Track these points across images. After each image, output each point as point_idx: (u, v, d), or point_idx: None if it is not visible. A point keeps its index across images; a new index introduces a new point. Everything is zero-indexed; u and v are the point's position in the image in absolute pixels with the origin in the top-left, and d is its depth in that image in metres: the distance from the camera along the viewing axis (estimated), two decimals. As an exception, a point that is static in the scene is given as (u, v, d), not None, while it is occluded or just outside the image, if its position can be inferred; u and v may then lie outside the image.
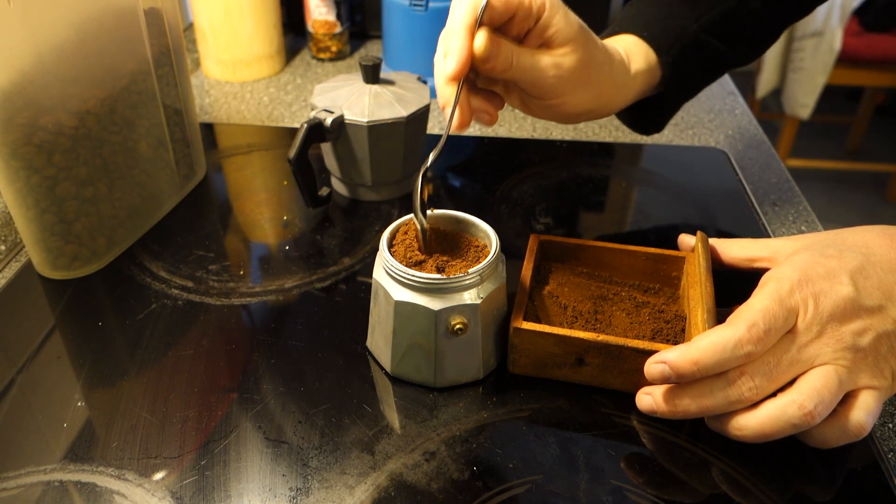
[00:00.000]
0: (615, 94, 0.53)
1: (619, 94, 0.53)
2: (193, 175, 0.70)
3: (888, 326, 0.40)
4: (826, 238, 0.45)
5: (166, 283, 0.58)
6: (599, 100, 0.51)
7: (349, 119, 0.62)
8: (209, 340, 0.52)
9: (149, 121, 0.61)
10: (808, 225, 0.68)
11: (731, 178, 0.73)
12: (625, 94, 0.54)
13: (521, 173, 0.74)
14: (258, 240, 0.65)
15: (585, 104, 0.51)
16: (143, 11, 0.58)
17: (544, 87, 0.48)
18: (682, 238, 0.54)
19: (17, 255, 0.62)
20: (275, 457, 0.43)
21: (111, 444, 0.44)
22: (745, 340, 0.39)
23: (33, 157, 0.51)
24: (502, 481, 0.42)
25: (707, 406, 0.41)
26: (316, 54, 1.04)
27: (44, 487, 0.42)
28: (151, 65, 0.60)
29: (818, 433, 0.40)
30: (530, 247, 0.53)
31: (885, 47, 2.01)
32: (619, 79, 0.52)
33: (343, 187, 0.69)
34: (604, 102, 0.52)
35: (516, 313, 0.47)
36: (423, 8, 0.86)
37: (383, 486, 0.42)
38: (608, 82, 0.51)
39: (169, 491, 0.41)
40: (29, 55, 0.49)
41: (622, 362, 0.45)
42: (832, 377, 0.39)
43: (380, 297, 0.47)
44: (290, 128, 0.84)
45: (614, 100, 0.53)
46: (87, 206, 0.56)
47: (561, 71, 0.47)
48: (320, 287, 0.58)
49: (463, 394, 0.48)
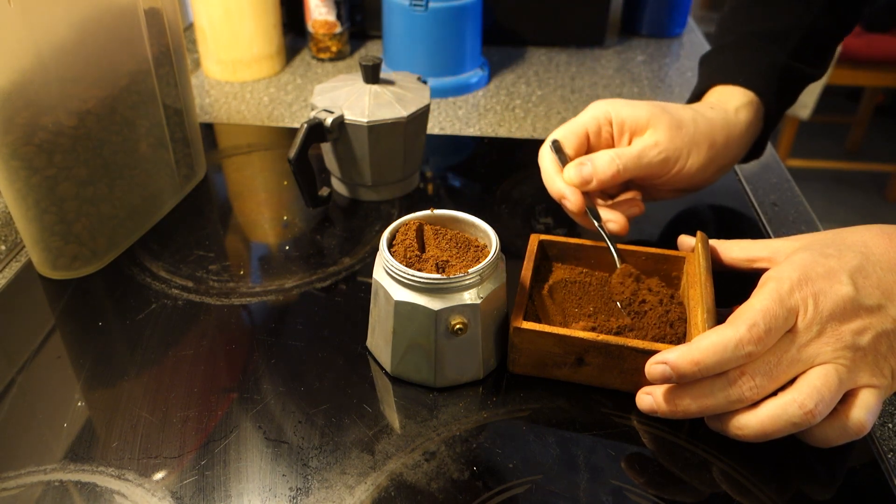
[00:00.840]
0: (725, 137, 0.55)
1: (730, 137, 0.55)
2: (193, 175, 0.70)
3: (888, 325, 0.40)
4: (825, 238, 0.45)
5: (166, 283, 0.58)
6: (715, 149, 0.54)
7: (349, 119, 0.62)
8: (209, 340, 0.52)
9: (149, 121, 0.61)
10: (808, 225, 0.68)
11: (731, 179, 0.73)
12: (736, 135, 0.56)
13: (521, 173, 0.74)
14: (258, 240, 0.65)
15: (703, 159, 0.53)
16: (143, 11, 0.58)
17: (659, 167, 0.52)
18: (681, 238, 0.54)
19: (17, 255, 0.62)
20: (275, 457, 0.43)
21: (111, 444, 0.44)
22: (746, 340, 0.39)
23: (33, 157, 0.51)
24: (502, 481, 0.42)
25: (708, 406, 0.41)
26: (316, 54, 1.04)
27: (44, 487, 0.42)
28: (151, 65, 0.60)
29: (819, 432, 0.40)
30: (530, 247, 0.53)
31: (885, 47, 2.01)
32: (719, 124, 0.54)
33: (343, 187, 0.69)
34: (721, 150, 0.55)
35: (516, 313, 0.47)
36: (423, 8, 0.86)
37: (383, 486, 0.42)
38: (709, 131, 0.54)
39: (169, 491, 0.41)
40: (29, 55, 0.49)
41: (622, 362, 0.45)
42: (832, 376, 0.39)
43: (380, 297, 0.47)
44: (290, 128, 0.84)
45: (729, 144, 0.55)
46: (87, 206, 0.56)
47: (659, 146, 0.52)
48: (320, 287, 0.58)
49: (463, 394, 0.48)
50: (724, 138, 0.55)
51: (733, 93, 0.57)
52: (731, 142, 0.56)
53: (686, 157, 0.53)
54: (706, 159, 0.54)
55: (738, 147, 0.57)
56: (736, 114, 0.56)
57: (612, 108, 0.54)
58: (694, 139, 0.53)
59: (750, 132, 0.57)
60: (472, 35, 0.91)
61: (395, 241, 0.47)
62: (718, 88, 0.59)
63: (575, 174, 0.52)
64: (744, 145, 0.58)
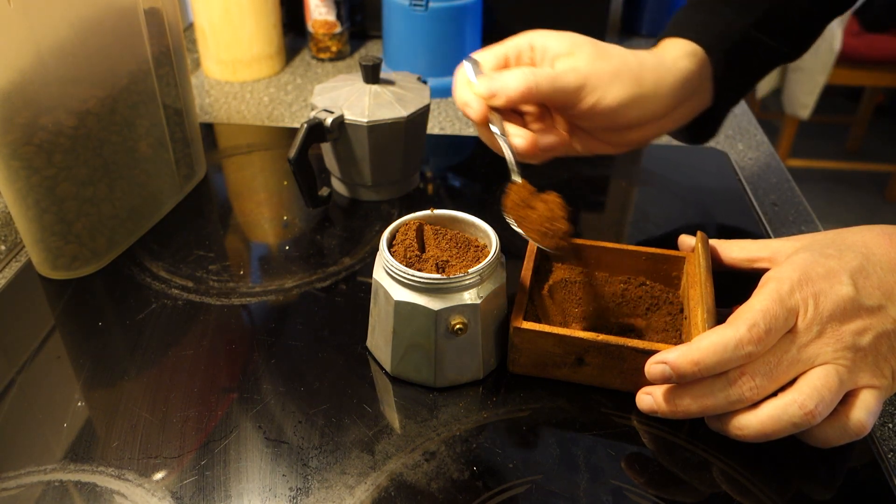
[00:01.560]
0: (654, 80, 0.51)
1: (661, 80, 0.52)
2: (193, 175, 0.70)
3: (888, 326, 0.40)
4: (826, 238, 0.45)
5: (166, 283, 0.58)
6: (640, 86, 0.50)
7: (349, 119, 0.62)
8: (209, 340, 0.52)
9: (149, 121, 0.61)
10: (808, 225, 0.68)
11: (731, 179, 0.73)
12: (669, 79, 0.52)
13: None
14: (258, 240, 0.65)
15: (625, 94, 0.50)
16: (143, 11, 0.58)
17: (575, 93, 0.49)
18: (682, 238, 0.54)
19: (17, 255, 0.62)
20: (275, 457, 0.43)
21: (111, 444, 0.44)
22: (746, 341, 0.39)
23: (33, 157, 0.51)
24: (502, 481, 0.42)
25: (708, 406, 0.41)
26: (316, 54, 1.04)
27: (44, 487, 0.42)
28: (151, 65, 0.60)
29: (819, 432, 0.40)
30: (530, 247, 0.53)
31: (885, 47, 2.01)
32: (649, 64, 0.51)
33: (343, 187, 0.69)
34: (647, 91, 0.51)
35: (516, 313, 0.47)
36: (423, 8, 0.86)
37: (383, 486, 0.42)
38: (636, 67, 0.50)
39: (169, 491, 0.41)
40: (29, 55, 0.49)
41: (622, 362, 0.45)
42: (833, 377, 0.39)
43: (380, 297, 0.47)
44: (290, 128, 0.84)
45: (658, 87, 0.51)
46: (87, 206, 0.56)
47: (578, 69, 0.49)
48: (320, 287, 0.58)
49: (463, 394, 0.48)
50: (653, 80, 0.51)
51: (678, 43, 0.54)
52: (663, 87, 0.52)
53: (606, 87, 0.49)
54: (629, 96, 0.50)
55: (671, 96, 0.52)
56: (674, 61, 0.52)
57: (535, 36, 0.51)
58: (618, 71, 0.50)
59: (689, 85, 0.53)
60: (472, 35, 0.91)
61: (395, 241, 0.47)
62: (667, 41, 0.56)
63: (483, 85, 0.49)
64: (679, 98, 0.53)
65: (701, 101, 0.56)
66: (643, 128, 0.53)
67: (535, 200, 0.47)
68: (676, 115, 0.54)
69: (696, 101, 0.55)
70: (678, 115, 0.55)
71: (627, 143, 0.55)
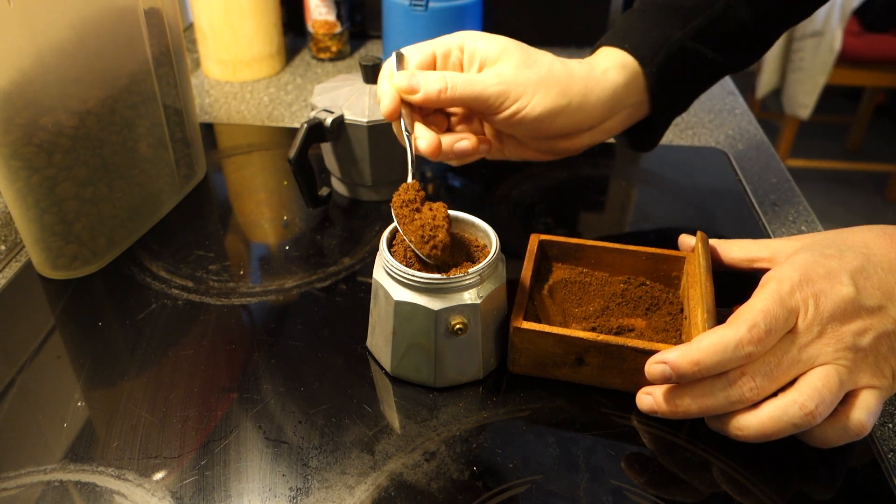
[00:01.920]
0: (582, 90, 0.51)
1: (589, 91, 0.51)
2: (193, 175, 0.70)
3: (888, 326, 0.40)
4: (826, 238, 0.45)
5: (166, 283, 0.58)
6: (565, 97, 0.50)
7: (349, 119, 0.62)
8: (209, 340, 0.52)
9: (149, 121, 0.61)
10: (808, 225, 0.68)
11: (731, 178, 0.73)
12: (597, 91, 0.51)
13: (521, 173, 0.74)
14: (258, 240, 0.65)
15: (548, 104, 0.49)
16: (143, 11, 0.58)
17: (494, 98, 0.48)
18: (682, 238, 0.54)
19: (17, 255, 0.62)
20: (275, 457, 0.43)
21: (111, 444, 0.44)
22: (746, 341, 0.39)
23: (33, 157, 0.51)
24: (502, 481, 0.42)
25: (708, 406, 0.41)
26: (316, 54, 1.04)
27: (44, 487, 0.42)
28: (151, 65, 0.60)
29: (819, 433, 0.40)
30: (530, 246, 0.53)
31: (885, 47, 2.01)
32: (578, 74, 0.51)
33: (343, 187, 0.69)
34: (574, 102, 0.50)
35: (516, 313, 0.47)
36: (423, 8, 0.86)
37: (383, 486, 0.42)
38: (563, 77, 0.50)
39: (169, 491, 0.41)
40: (29, 55, 0.49)
41: (622, 362, 0.45)
42: (833, 377, 0.39)
43: (380, 297, 0.47)
44: (290, 128, 0.84)
45: (586, 98, 0.51)
46: (87, 206, 0.56)
47: (501, 77, 0.48)
48: (320, 287, 0.58)
49: (463, 394, 0.48)
50: (580, 91, 0.50)
51: (612, 54, 0.53)
52: (590, 99, 0.51)
53: (530, 96, 0.49)
54: (553, 107, 0.49)
55: (599, 108, 0.52)
56: (604, 73, 0.51)
57: (467, 37, 0.50)
58: (543, 80, 0.49)
59: (618, 98, 0.52)
60: (472, 35, 0.91)
61: (395, 241, 0.47)
62: (603, 49, 0.55)
63: (401, 79, 0.48)
64: (609, 109, 0.52)
65: (636, 112, 0.55)
66: (572, 138, 0.53)
67: (423, 205, 0.47)
68: (609, 126, 0.54)
69: (630, 111, 0.55)
70: (611, 126, 0.54)
71: (557, 151, 0.54)
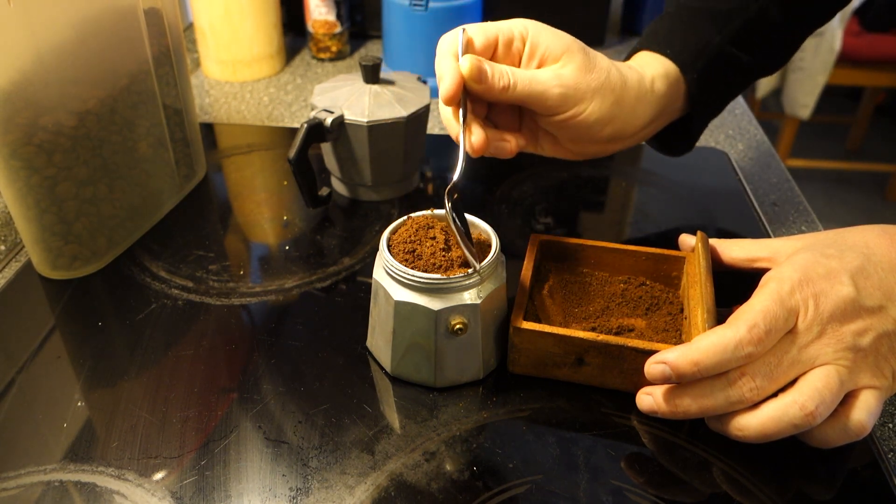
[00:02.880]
0: (633, 101, 0.51)
1: (639, 101, 0.52)
2: (193, 175, 0.70)
3: (888, 326, 0.40)
4: (827, 238, 0.45)
5: (166, 283, 0.58)
6: (619, 107, 0.50)
7: (349, 119, 0.62)
8: (209, 340, 0.52)
9: (149, 121, 0.61)
10: (808, 225, 0.68)
11: (731, 178, 0.73)
12: (645, 102, 0.52)
13: (521, 173, 0.74)
14: (258, 240, 0.65)
15: (604, 112, 0.49)
16: (143, 11, 0.58)
17: (554, 101, 0.48)
18: (682, 238, 0.54)
19: (17, 255, 0.62)
20: (275, 457, 0.43)
21: (111, 444, 0.44)
22: (746, 341, 0.38)
23: (33, 157, 0.51)
24: (502, 481, 0.42)
25: (708, 406, 0.41)
26: (316, 54, 1.04)
27: (44, 487, 0.42)
28: (151, 65, 0.60)
29: (819, 433, 0.40)
30: (531, 246, 0.53)
31: (885, 47, 2.01)
32: (632, 83, 0.51)
33: (343, 187, 0.69)
34: (625, 112, 0.51)
35: (516, 313, 0.47)
36: (423, 8, 0.86)
37: (383, 486, 0.42)
38: (619, 86, 0.50)
39: (169, 491, 0.41)
40: (29, 55, 0.49)
41: (622, 362, 0.45)
42: (833, 377, 0.39)
43: (380, 297, 0.47)
44: (290, 128, 0.84)
45: (636, 108, 0.52)
46: (87, 206, 0.56)
47: (563, 80, 0.47)
48: (320, 287, 0.58)
49: (463, 394, 0.48)
50: (633, 99, 0.51)
51: (654, 61, 0.54)
52: (640, 108, 0.52)
53: (588, 102, 0.49)
54: (608, 113, 0.50)
55: (645, 116, 0.52)
56: (652, 83, 0.52)
57: (532, 28, 0.49)
58: (602, 87, 0.49)
59: (663, 106, 0.53)
60: (472, 35, 0.91)
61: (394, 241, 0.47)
62: (644, 53, 0.55)
63: (469, 63, 0.46)
64: (653, 117, 0.53)
65: (672, 118, 0.56)
66: (613, 143, 0.53)
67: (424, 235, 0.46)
68: (646, 133, 0.55)
69: (665, 118, 0.55)
70: (648, 133, 0.55)
71: (591, 153, 0.54)
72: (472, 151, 0.47)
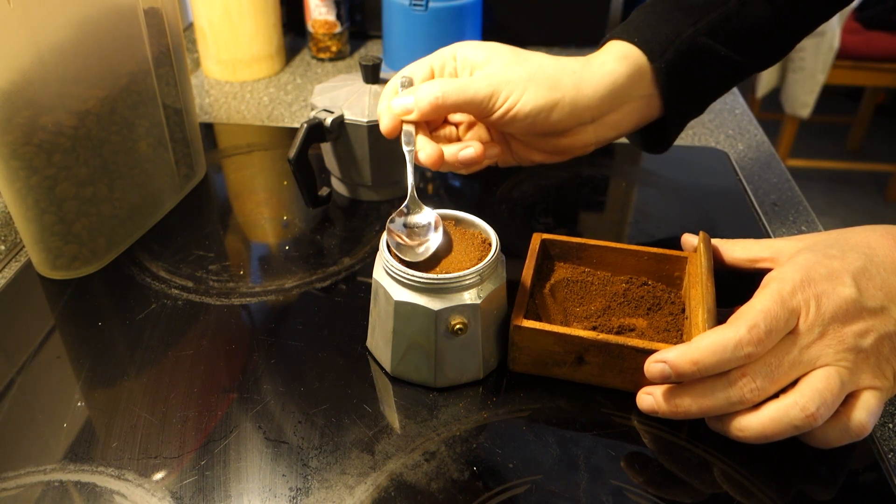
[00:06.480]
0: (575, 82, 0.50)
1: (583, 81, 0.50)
2: (193, 175, 0.70)
3: (890, 327, 0.40)
4: (829, 238, 0.45)
5: (166, 283, 0.58)
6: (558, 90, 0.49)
7: (349, 119, 0.62)
8: (209, 340, 0.52)
9: (149, 121, 0.61)
10: (808, 225, 0.68)
11: (731, 178, 0.73)
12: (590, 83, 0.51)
13: (521, 173, 0.74)
14: (258, 240, 0.65)
15: (539, 98, 0.49)
16: (143, 11, 0.58)
17: (485, 97, 0.49)
18: (685, 238, 0.54)
19: (17, 255, 0.62)
20: (275, 457, 0.43)
21: (111, 444, 0.44)
22: (746, 341, 0.38)
23: (33, 157, 0.51)
24: (502, 481, 0.42)
25: (708, 407, 0.40)
26: (316, 54, 1.04)
27: (44, 487, 0.42)
28: (151, 65, 0.60)
29: (820, 433, 0.40)
30: (532, 245, 0.53)
31: (885, 46, 2.01)
32: (570, 67, 0.50)
33: (343, 187, 0.69)
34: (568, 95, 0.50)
35: (517, 311, 0.47)
36: (423, 8, 0.86)
37: (383, 486, 0.42)
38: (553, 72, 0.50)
39: (169, 491, 0.41)
40: (29, 55, 0.49)
41: (622, 361, 0.45)
42: (834, 378, 0.39)
43: (380, 297, 0.47)
44: (290, 128, 0.84)
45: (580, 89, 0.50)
46: (87, 206, 0.56)
47: (490, 77, 0.49)
48: (320, 287, 0.58)
49: (463, 394, 0.48)
50: (572, 84, 0.50)
51: (615, 46, 0.53)
52: (586, 91, 0.50)
53: (520, 92, 0.49)
54: (545, 100, 0.49)
55: (596, 100, 0.51)
56: (601, 65, 0.51)
57: (459, 47, 0.52)
58: (533, 76, 0.49)
59: (619, 89, 0.51)
60: (472, 35, 0.91)
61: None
62: (610, 43, 0.54)
63: (397, 103, 0.50)
64: (609, 102, 0.51)
65: (646, 108, 0.54)
66: (574, 134, 0.52)
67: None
68: (613, 120, 0.53)
69: (637, 105, 0.53)
70: (616, 120, 0.53)
71: (563, 151, 0.54)
72: (429, 164, 0.49)
